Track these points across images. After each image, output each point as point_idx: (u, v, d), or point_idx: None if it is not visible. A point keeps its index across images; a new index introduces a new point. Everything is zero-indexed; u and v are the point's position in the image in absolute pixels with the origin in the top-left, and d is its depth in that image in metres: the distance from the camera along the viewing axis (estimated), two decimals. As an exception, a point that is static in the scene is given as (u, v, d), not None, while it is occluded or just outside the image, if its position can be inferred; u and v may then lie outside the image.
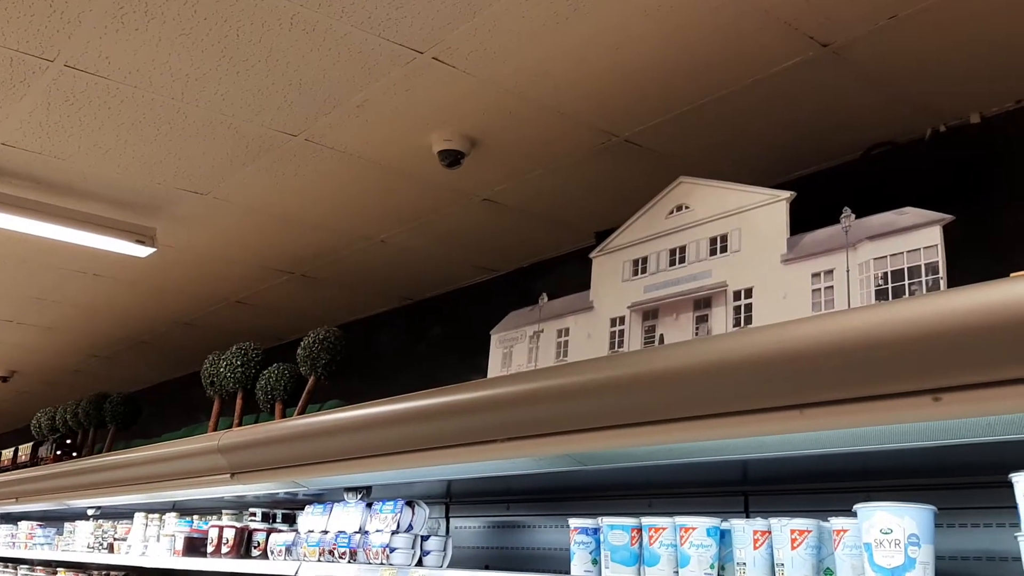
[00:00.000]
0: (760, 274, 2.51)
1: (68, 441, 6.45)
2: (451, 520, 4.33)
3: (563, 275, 4.63)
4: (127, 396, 6.34)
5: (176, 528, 5.26)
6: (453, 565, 4.06)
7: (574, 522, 2.94)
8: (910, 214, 2.21)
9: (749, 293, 2.53)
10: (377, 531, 3.65)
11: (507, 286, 5.19)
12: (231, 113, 3.47)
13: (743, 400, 2.11)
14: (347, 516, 3.88)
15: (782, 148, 3.46)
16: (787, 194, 2.51)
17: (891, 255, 2.19)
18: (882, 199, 2.50)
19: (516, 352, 3.33)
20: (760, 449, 2.43)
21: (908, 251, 2.15)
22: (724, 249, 2.61)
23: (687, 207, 2.79)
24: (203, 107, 3.44)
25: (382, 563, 3.55)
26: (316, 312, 6.04)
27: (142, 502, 5.49)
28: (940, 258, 2.10)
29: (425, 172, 3.88)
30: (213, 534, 4.73)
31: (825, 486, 2.89)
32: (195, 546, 4.94)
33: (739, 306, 2.55)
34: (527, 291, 4.07)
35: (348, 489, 4.00)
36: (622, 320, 2.90)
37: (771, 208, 2.53)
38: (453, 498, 4.34)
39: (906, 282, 2.15)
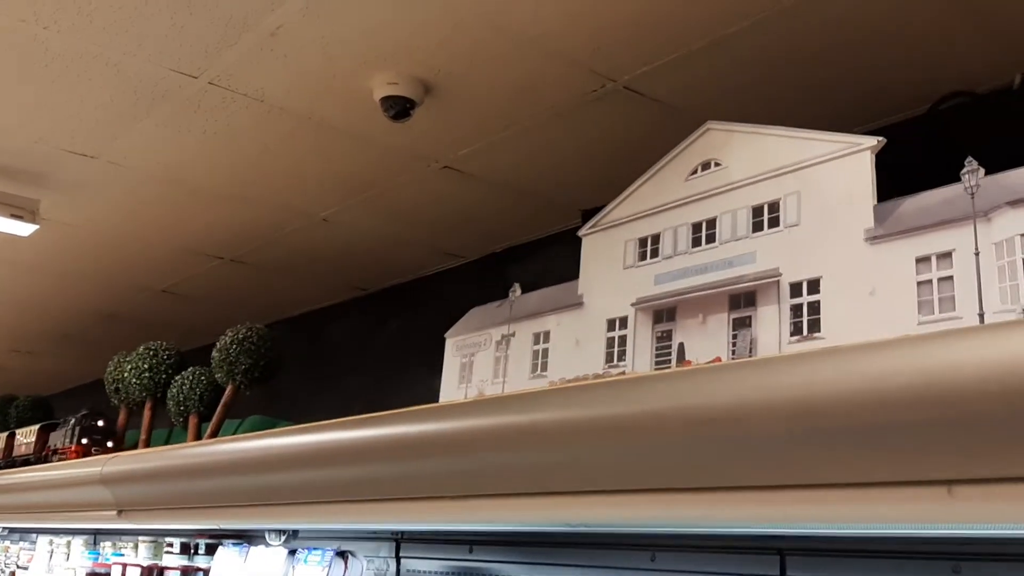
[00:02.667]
0: (832, 258, 1.71)
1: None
2: (402, 562, 3.52)
3: (545, 263, 3.86)
4: (37, 399, 5.49)
5: (80, 560, 4.44)
6: (403, 620, 3.28)
7: (553, 596, 2.14)
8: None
9: (816, 286, 1.74)
10: (300, 589, 2.83)
11: (476, 275, 4.41)
12: (107, 45, 2.64)
13: (812, 468, 1.34)
14: (266, 563, 3.06)
15: (832, 100, 2.66)
16: (872, 141, 1.71)
17: (1053, 229, 1.40)
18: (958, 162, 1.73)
19: (478, 362, 2.52)
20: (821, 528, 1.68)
21: (1084, 222, 1.36)
22: (775, 222, 1.82)
23: (718, 163, 1.98)
24: (70, 37, 2.59)
25: (305, 632, 2.73)
26: (257, 304, 5.22)
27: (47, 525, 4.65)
28: None
29: (368, 129, 3.05)
30: (116, 573, 3.90)
31: (896, 548, 2.13)
32: (98, 584, 4.11)
33: (799, 305, 1.75)
34: (500, 281, 3.27)
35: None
36: (624, 322, 2.10)
37: (847, 161, 1.74)
38: (405, 535, 3.53)
39: (1081, 271, 1.36)
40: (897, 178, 1.98)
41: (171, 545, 4.01)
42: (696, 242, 1.99)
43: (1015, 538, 1.90)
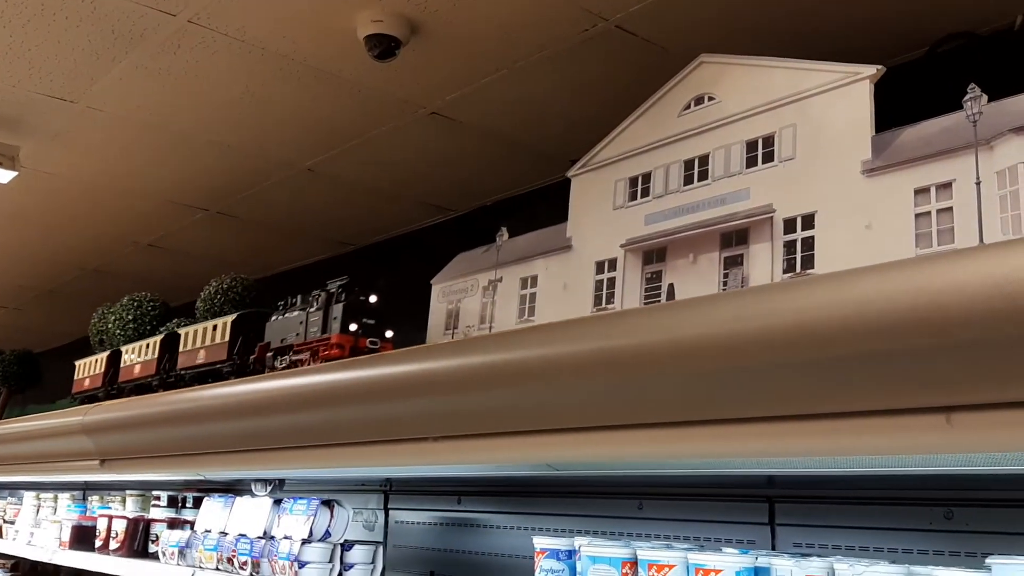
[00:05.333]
0: (827, 192, 1.66)
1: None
2: (391, 513, 3.51)
3: (536, 217, 3.78)
4: (22, 354, 5.44)
5: (65, 514, 4.40)
6: (391, 570, 3.25)
7: (541, 542, 2.12)
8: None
9: (810, 222, 1.68)
10: (285, 538, 2.80)
11: (465, 228, 4.33)
12: (81, -22, 2.55)
13: (807, 398, 1.30)
14: (251, 514, 3.03)
15: (828, 40, 2.59)
16: (871, 69, 1.65)
17: (1058, 156, 1.35)
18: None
19: (465, 308, 2.47)
20: (811, 465, 1.64)
21: (1091, 148, 1.31)
22: (769, 157, 1.76)
23: (711, 98, 1.92)
24: (40, -32, 2.51)
25: (290, 581, 2.70)
26: (242, 259, 5.14)
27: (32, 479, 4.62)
28: None
29: (352, 71, 2.97)
30: (101, 525, 3.87)
31: (886, 495, 2.10)
32: (84, 538, 4.09)
33: (793, 241, 1.70)
34: (489, 235, 3.20)
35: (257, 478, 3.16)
36: (613, 264, 2.04)
37: (846, 91, 1.67)
38: (394, 486, 3.51)
39: (1087, 199, 1.31)
40: (897, 121, 1.92)
41: (158, 498, 3.99)
42: (688, 180, 1.93)
43: (1007, 479, 1.87)
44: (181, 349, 3.53)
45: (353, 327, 2.57)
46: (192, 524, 3.51)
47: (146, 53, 2.95)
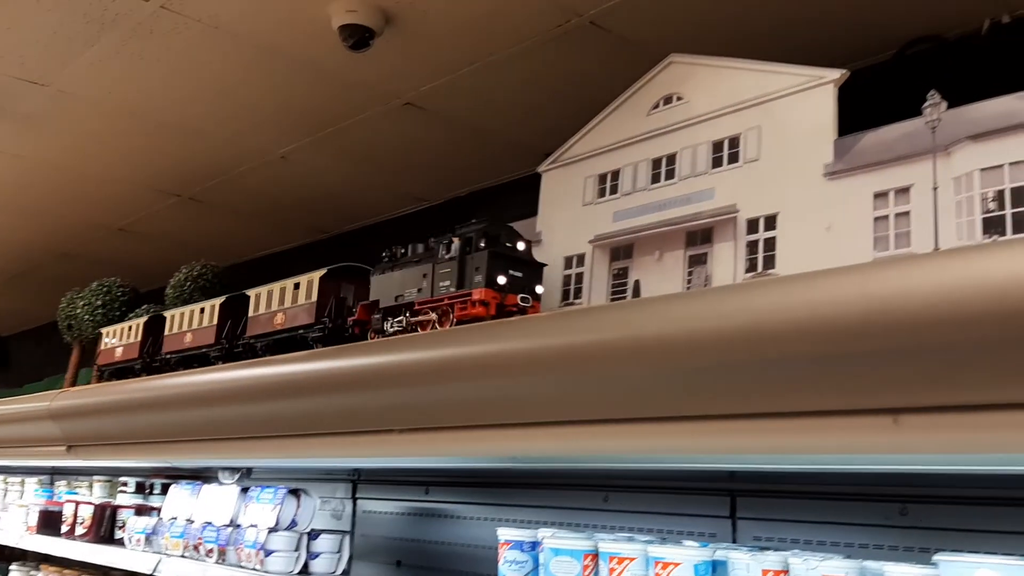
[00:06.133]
0: (790, 194, 1.68)
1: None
2: (359, 503, 3.52)
3: (511, 208, 3.80)
4: (-10, 337, 5.37)
5: (32, 499, 4.38)
6: (358, 559, 3.27)
7: (505, 533, 2.14)
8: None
9: (772, 222, 1.71)
10: (252, 526, 2.81)
11: (440, 218, 4.32)
12: (52, -39, 2.52)
13: (764, 397, 1.32)
14: (218, 502, 3.04)
15: (799, 41, 2.61)
16: (836, 73, 1.68)
17: (1012, 164, 1.38)
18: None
19: (435, 299, 2.47)
20: (771, 461, 1.67)
21: (1043, 157, 1.34)
22: (734, 158, 1.78)
23: (680, 98, 1.94)
24: (11, -50, 2.48)
25: (256, 568, 2.71)
26: (215, 246, 5.11)
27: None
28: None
29: (327, 61, 2.96)
30: (68, 511, 3.86)
31: (844, 490, 2.14)
32: (51, 523, 4.08)
33: (755, 241, 1.73)
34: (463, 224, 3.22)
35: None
36: (581, 260, 2.06)
37: (809, 95, 1.70)
38: (362, 476, 3.52)
39: (1036, 207, 1.34)
40: (863, 123, 1.95)
41: (126, 484, 3.98)
42: (656, 178, 1.96)
43: (960, 477, 1.91)
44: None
45: (502, 280, 2.06)
46: (159, 511, 3.50)
47: (118, 38, 2.93)
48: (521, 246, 2.12)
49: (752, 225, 1.74)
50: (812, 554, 1.71)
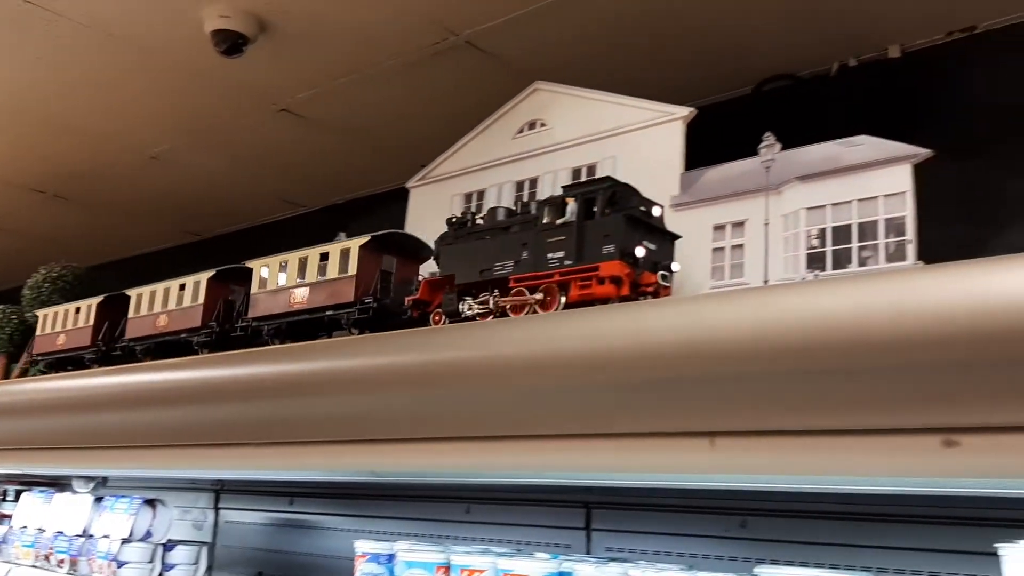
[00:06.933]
0: (640, 223, 1.76)
1: None
2: (221, 512, 3.46)
3: (388, 217, 3.81)
4: None
5: None
6: (218, 570, 3.22)
7: (362, 546, 2.15)
8: (865, 145, 1.50)
9: (623, 248, 1.78)
10: (104, 536, 2.73)
11: (316, 225, 4.30)
12: (-95, -55, 2.41)
13: (600, 418, 1.39)
14: (71, 511, 2.94)
15: (665, 71, 2.73)
16: (685, 111, 1.77)
17: (833, 204, 1.49)
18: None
19: (300, 311, 2.46)
20: (620, 478, 1.74)
21: (860, 200, 1.45)
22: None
23: (543, 124, 2.01)
24: None
25: (108, 581, 2.64)
26: (81, 243, 4.93)
27: None
28: (909, 212, 1.42)
29: (200, 63, 2.92)
30: (-92, 520, 3.64)
31: (691, 504, 2.25)
32: None
33: (608, 266, 1.79)
34: (340, 232, 3.22)
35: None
36: (445, 276, 2.09)
37: (660, 130, 1.79)
38: (226, 486, 3.46)
39: (855, 245, 1.45)
40: (724, 153, 2.06)
41: (-25, 492, 3.80)
42: (518, 201, 2.01)
43: (796, 494, 2.03)
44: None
45: (640, 252, 1.62)
46: (11, 518, 3.36)
47: (-21, 28, 2.82)
48: (657, 211, 1.69)
49: (605, 251, 1.81)
50: (651, 565, 1.80)
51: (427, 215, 2.21)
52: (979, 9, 2.39)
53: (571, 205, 1.71)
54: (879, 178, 1.43)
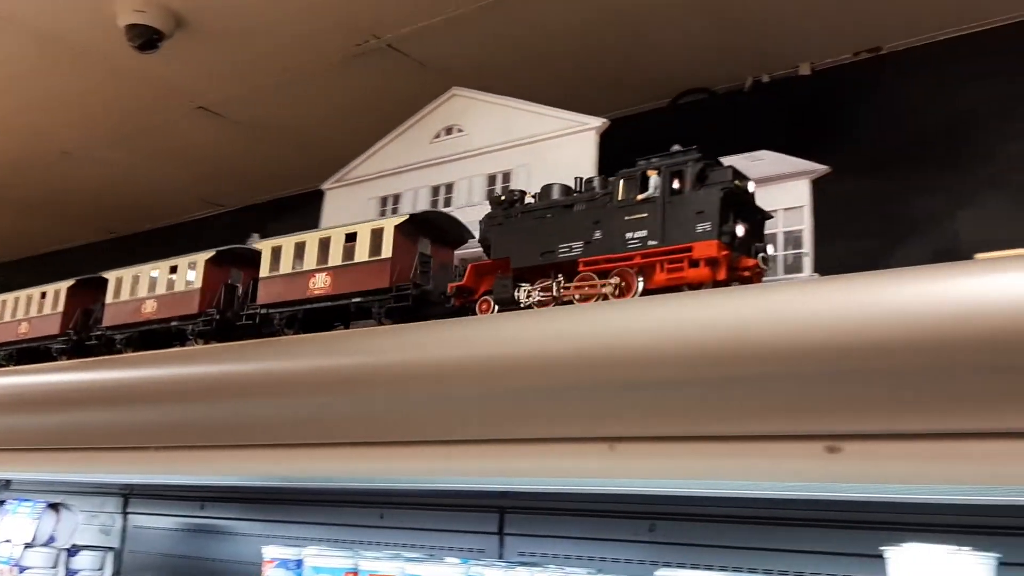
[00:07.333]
0: (552, 231, 1.78)
1: None
2: (130, 517, 3.38)
3: (308, 219, 3.78)
4: None
5: None
6: (126, 576, 3.15)
7: (270, 551, 2.13)
8: (766, 160, 1.55)
9: (534, 256, 1.80)
10: (6, 541, 2.65)
11: (236, 226, 4.23)
12: None
13: (505, 423, 1.40)
14: (-31, 516, 2.83)
15: (584, 82, 2.77)
16: (598, 122, 1.80)
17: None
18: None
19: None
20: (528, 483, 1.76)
21: (761, 213, 1.49)
22: (506, 190, 1.86)
23: (460, 130, 2.02)
24: None
25: (7, 588, 2.56)
26: (-7, 238, 4.78)
27: None
28: (806, 226, 1.46)
29: (116, 59, 2.85)
30: None
31: (602, 508, 2.28)
32: None
33: (520, 272, 1.81)
34: (261, 233, 3.18)
35: (-21, 478, 2.96)
36: (359, 280, 2.08)
37: (575, 139, 1.82)
38: (135, 490, 3.39)
39: (755, 257, 1.49)
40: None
41: None
42: (434, 205, 2.02)
43: (703, 497, 2.08)
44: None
45: (740, 231, 1.46)
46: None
47: None
48: (752, 187, 1.53)
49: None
50: (559, 569, 1.82)
51: (342, 218, 2.20)
52: (884, 31, 2.48)
53: (654, 178, 1.54)
54: (779, 192, 1.47)
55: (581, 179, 1.70)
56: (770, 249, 1.53)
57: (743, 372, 1.03)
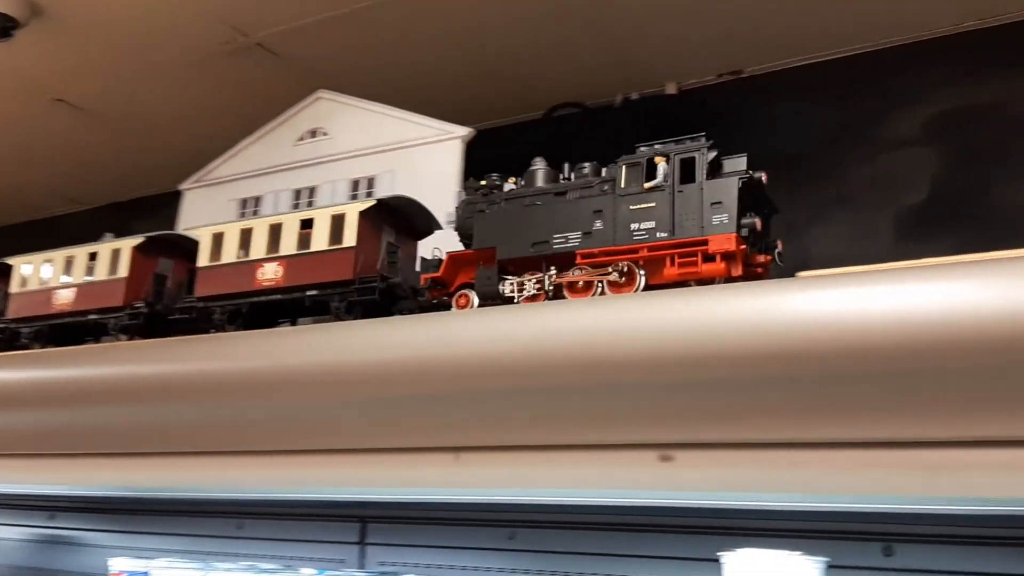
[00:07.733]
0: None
1: None
2: (-28, 529, 3.18)
3: (172, 218, 3.66)
4: None
5: None
6: (-37, 593, 2.97)
7: (117, 563, 2.05)
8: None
9: (398, 264, 1.79)
10: None
11: (98, 224, 4.04)
12: None
13: (369, 434, 1.40)
14: None
15: (457, 90, 2.77)
16: (464, 131, 1.81)
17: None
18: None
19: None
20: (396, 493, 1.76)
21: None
22: (370, 196, 1.85)
23: (325, 133, 1.99)
24: None
25: None
26: None
27: None
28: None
29: (-37, 43, 2.69)
30: None
31: (464, 516, 2.28)
32: None
33: (382, 280, 1.80)
34: (124, 233, 3.05)
35: None
36: (217, 283, 2.03)
37: (440, 147, 1.82)
38: (-23, 500, 3.19)
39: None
40: (514, 174, 2.12)
41: None
42: (297, 208, 1.98)
43: (563, 507, 2.10)
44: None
45: (758, 225, 1.39)
46: None
47: None
48: (764, 178, 1.45)
49: (382, 265, 1.81)
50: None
51: (201, 219, 2.13)
52: (746, 55, 2.58)
53: (662, 166, 1.45)
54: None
55: (566, 164, 1.62)
56: (779, 244, 1.48)
57: (579, 382, 1.05)
